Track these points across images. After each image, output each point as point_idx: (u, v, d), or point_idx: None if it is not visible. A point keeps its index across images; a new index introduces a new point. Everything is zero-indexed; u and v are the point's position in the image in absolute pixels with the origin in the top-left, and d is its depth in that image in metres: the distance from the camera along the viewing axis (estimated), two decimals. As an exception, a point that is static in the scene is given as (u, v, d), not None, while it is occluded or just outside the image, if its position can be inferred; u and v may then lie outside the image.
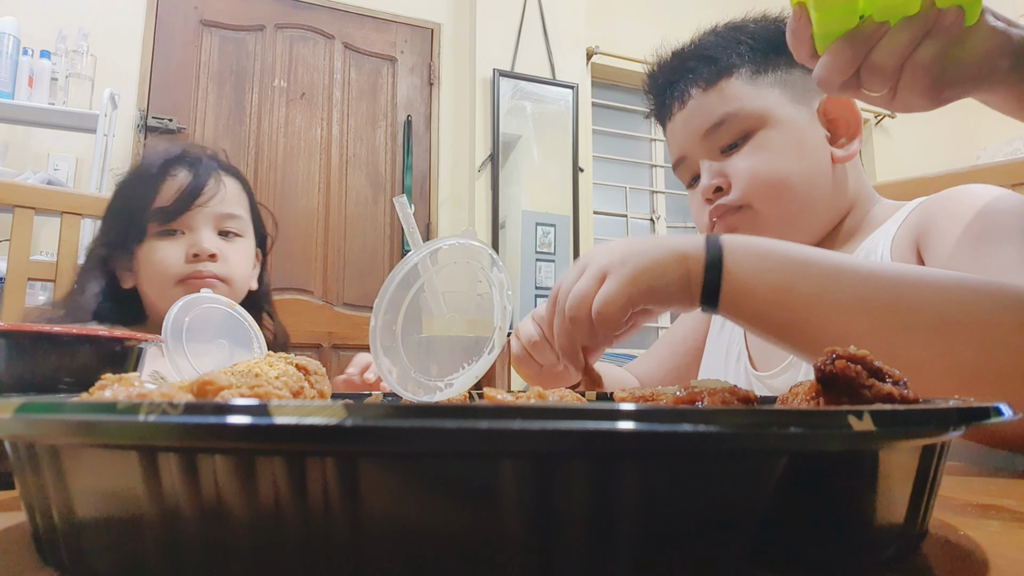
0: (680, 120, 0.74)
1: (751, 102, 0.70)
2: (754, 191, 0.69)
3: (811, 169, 0.69)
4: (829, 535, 0.21)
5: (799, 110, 0.70)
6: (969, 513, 0.31)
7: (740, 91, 0.70)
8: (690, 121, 0.73)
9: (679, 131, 0.75)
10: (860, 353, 0.26)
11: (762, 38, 0.72)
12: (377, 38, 2.86)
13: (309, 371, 0.34)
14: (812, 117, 0.71)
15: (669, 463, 0.18)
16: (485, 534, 0.18)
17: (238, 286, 0.95)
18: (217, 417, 0.17)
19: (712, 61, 0.72)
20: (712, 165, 0.72)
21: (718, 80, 0.71)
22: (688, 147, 0.74)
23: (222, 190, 0.94)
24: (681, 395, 0.30)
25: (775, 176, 0.68)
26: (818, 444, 0.18)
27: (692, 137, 0.73)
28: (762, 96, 0.70)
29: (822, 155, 0.70)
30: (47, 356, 0.39)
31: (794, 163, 0.69)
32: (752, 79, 0.70)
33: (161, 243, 0.90)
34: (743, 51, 0.71)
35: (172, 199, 0.90)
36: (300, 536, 0.18)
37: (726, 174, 0.71)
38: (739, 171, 0.70)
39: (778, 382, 0.74)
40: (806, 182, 0.69)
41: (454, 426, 0.16)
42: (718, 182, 0.71)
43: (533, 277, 2.72)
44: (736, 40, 0.72)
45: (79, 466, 0.21)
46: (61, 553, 0.22)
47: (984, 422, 0.22)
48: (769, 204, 0.69)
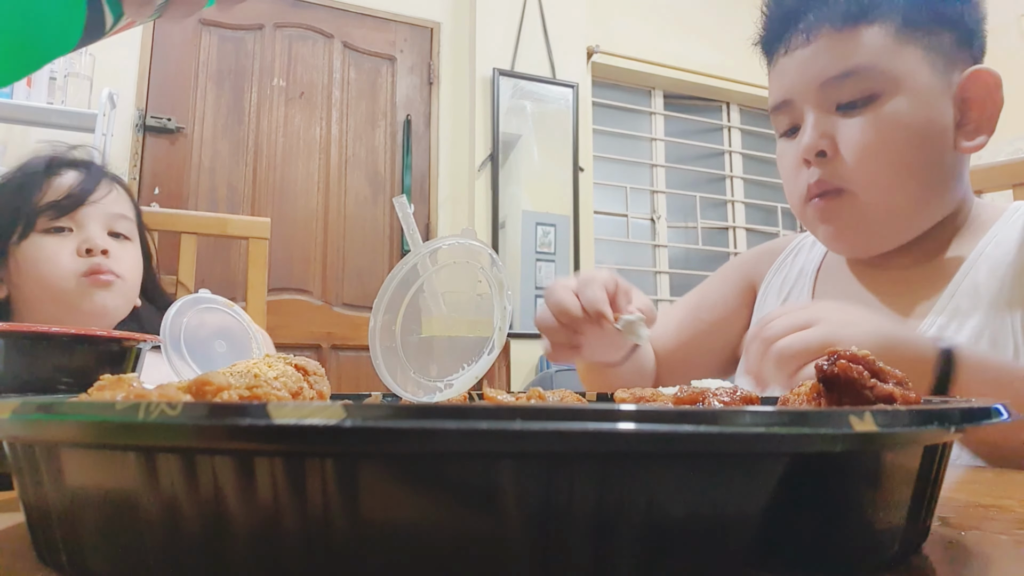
0: (798, 58, 0.63)
1: (889, 60, 0.59)
2: (865, 172, 0.60)
3: (934, 158, 0.60)
4: (830, 535, 0.21)
5: (937, 83, 0.60)
6: (970, 513, 0.31)
7: (881, 43, 0.59)
8: (811, 62, 0.62)
9: (792, 70, 0.64)
10: (862, 354, 0.26)
11: None
12: (376, 37, 2.85)
13: (308, 372, 0.34)
14: (947, 94, 0.61)
15: (670, 464, 0.18)
16: (485, 535, 0.18)
17: (129, 289, 0.91)
18: (216, 418, 0.17)
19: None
20: (821, 121, 0.61)
21: (859, 23, 0.60)
22: (798, 91, 0.63)
23: (114, 191, 0.91)
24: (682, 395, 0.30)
25: (895, 160, 0.59)
26: (820, 444, 0.18)
27: (808, 82, 0.62)
28: (903, 56, 0.59)
29: (947, 140, 0.60)
30: (46, 356, 0.39)
31: (919, 147, 0.59)
32: (896, 33, 0.60)
33: (47, 239, 0.85)
34: None
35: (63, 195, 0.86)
36: (299, 537, 0.18)
37: (836, 138, 0.61)
38: (854, 142, 0.60)
39: None
40: (925, 172, 0.60)
41: (454, 427, 0.16)
42: (824, 144, 0.61)
43: (533, 277, 2.72)
44: None
45: (78, 467, 0.20)
46: (60, 554, 0.22)
47: (985, 423, 0.22)
48: (878, 192, 0.60)
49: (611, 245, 3.17)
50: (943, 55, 0.61)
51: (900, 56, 0.60)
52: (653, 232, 3.30)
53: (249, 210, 2.55)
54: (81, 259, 0.85)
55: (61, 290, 0.84)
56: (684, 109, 3.38)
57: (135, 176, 2.41)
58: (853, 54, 0.60)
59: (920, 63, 0.60)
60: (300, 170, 2.67)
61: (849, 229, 0.63)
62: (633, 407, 0.17)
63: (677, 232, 3.34)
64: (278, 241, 2.44)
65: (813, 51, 0.62)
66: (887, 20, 0.60)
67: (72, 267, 0.84)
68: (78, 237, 0.86)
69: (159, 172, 2.46)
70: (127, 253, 0.91)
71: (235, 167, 2.58)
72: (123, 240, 0.91)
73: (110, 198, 0.90)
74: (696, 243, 3.35)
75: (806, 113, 0.63)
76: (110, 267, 0.86)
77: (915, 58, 0.60)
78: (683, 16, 3.24)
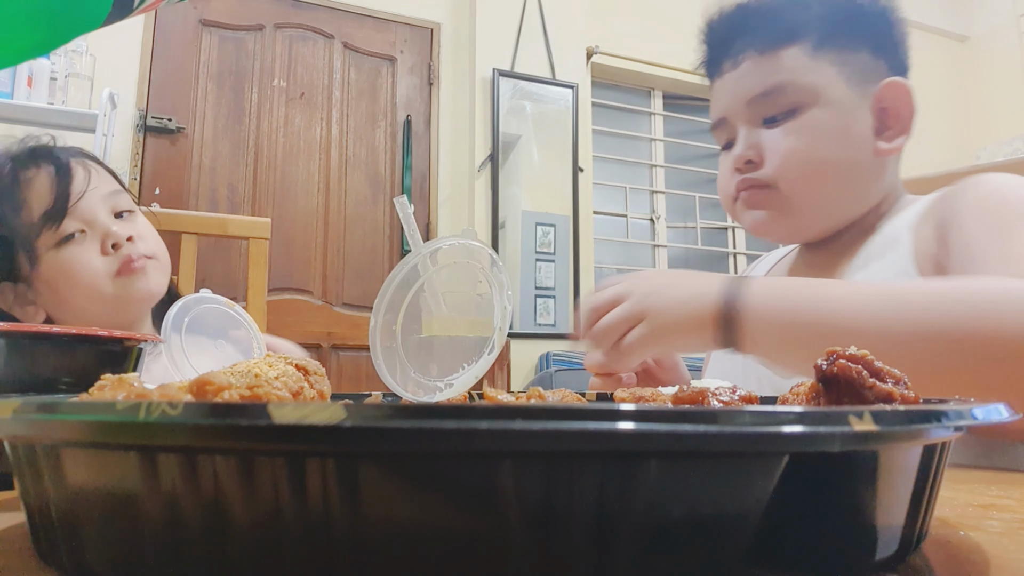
0: (729, 80, 0.70)
1: (805, 76, 0.66)
2: (787, 172, 0.66)
3: (851, 159, 0.66)
4: (829, 535, 0.21)
5: (852, 94, 0.66)
6: (970, 513, 0.31)
7: (798, 62, 0.66)
8: (739, 83, 0.69)
9: (726, 91, 0.71)
10: (860, 353, 0.26)
11: (833, 7, 0.67)
12: (376, 38, 2.85)
13: (309, 371, 0.34)
14: (864, 104, 0.67)
15: (669, 463, 0.18)
16: (485, 535, 0.18)
17: (164, 261, 0.87)
18: (216, 418, 0.17)
19: (776, 24, 0.68)
20: (750, 134, 0.69)
21: (778, 46, 0.67)
22: (731, 110, 0.71)
23: (92, 172, 0.83)
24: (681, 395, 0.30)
25: (812, 161, 0.66)
26: (819, 444, 0.18)
27: (737, 100, 0.69)
28: (818, 72, 0.66)
29: (865, 145, 0.66)
30: (46, 356, 0.39)
31: (835, 150, 0.66)
32: (813, 52, 0.66)
33: (66, 251, 0.79)
34: (810, 19, 0.67)
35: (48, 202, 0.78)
36: (300, 537, 0.18)
37: (762, 148, 0.68)
38: (776, 148, 0.67)
39: None
40: (842, 171, 0.66)
41: (454, 426, 0.16)
42: (751, 154, 0.68)
43: (533, 277, 2.72)
44: (805, 5, 0.68)
45: (78, 467, 0.21)
46: (61, 553, 0.22)
47: (984, 422, 0.22)
48: (799, 188, 0.66)
49: (611, 245, 3.17)
50: (858, 69, 0.67)
51: (816, 72, 0.66)
52: (653, 232, 3.30)
53: (249, 210, 2.56)
54: (109, 257, 0.81)
55: (102, 296, 0.80)
56: (683, 109, 3.38)
57: (135, 176, 2.41)
58: (774, 73, 0.67)
59: (835, 78, 0.66)
60: (300, 170, 2.67)
61: (773, 216, 0.69)
62: (633, 407, 0.17)
63: (676, 232, 3.34)
64: (278, 241, 2.44)
65: (740, 73, 0.69)
66: (803, 41, 0.66)
67: (105, 270, 0.80)
68: (95, 235, 0.81)
69: (160, 172, 2.46)
70: (142, 226, 0.86)
71: (235, 167, 2.58)
72: (129, 215, 0.86)
73: (95, 178, 0.83)
74: (695, 243, 3.35)
75: (738, 129, 0.70)
76: (139, 252, 0.82)
77: (830, 74, 0.66)
78: (683, 16, 3.23)
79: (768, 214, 0.69)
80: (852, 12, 0.68)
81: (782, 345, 0.52)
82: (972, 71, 3.88)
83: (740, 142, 0.69)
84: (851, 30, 0.67)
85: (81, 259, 0.80)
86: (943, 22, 3.89)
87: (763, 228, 0.71)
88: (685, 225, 3.34)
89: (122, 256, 0.81)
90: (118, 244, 0.81)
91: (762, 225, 0.71)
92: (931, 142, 3.66)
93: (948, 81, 3.84)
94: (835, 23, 0.67)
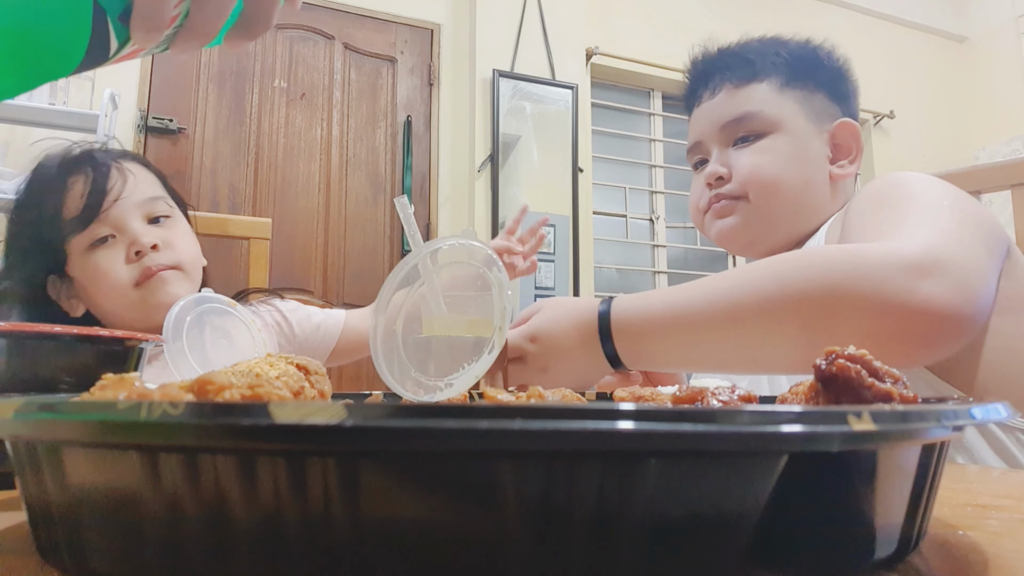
0: (706, 108, 0.82)
1: (772, 108, 0.77)
2: (751, 185, 0.76)
3: (807, 178, 0.76)
4: (828, 535, 0.21)
5: (810, 127, 0.78)
6: (968, 513, 0.31)
7: (766, 96, 0.78)
8: (714, 110, 0.80)
9: (703, 117, 0.82)
10: (859, 353, 0.26)
11: (798, 56, 0.80)
12: (377, 38, 2.86)
13: (310, 371, 0.34)
14: (820, 136, 0.78)
15: (669, 463, 0.18)
16: (485, 534, 0.18)
17: (191, 269, 0.88)
18: (217, 417, 0.17)
19: (749, 64, 0.79)
20: (721, 154, 0.79)
21: (750, 81, 0.79)
22: (706, 134, 0.81)
23: (131, 177, 0.85)
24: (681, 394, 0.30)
25: (773, 176, 0.75)
26: (818, 444, 0.18)
27: (712, 125, 0.80)
28: (783, 106, 0.77)
29: (820, 169, 0.77)
30: (48, 356, 0.39)
31: (793, 169, 0.76)
32: (779, 89, 0.78)
33: (96, 255, 0.82)
34: (778, 62, 0.79)
35: (80, 206, 0.81)
36: (301, 536, 0.18)
37: (730, 165, 0.78)
38: (742, 165, 0.77)
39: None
40: (799, 187, 0.76)
41: (454, 426, 0.16)
42: (722, 171, 0.78)
43: (533, 277, 2.72)
44: (775, 52, 0.80)
45: (79, 466, 0.21)
46: (62, 553, 0.22)
47: (984, 422, 0.22)
48: (762, 199, 0.76)
49: (610, 245, 3.17)
50: (816, 108, 0.79)
51: (781, 106, 0.78)
52: (652, 232, 3.30)
53: (250, 210, 2.55)
54: (132, 265, 0.82)
55: (125, 302, 0.82)
56: (683, 110, 3.38)
57: (136, 177, 2.40)
58: (746, 103, 0.78)
59: (797, 112, 0.78)
60: (301, 171, 2.67)
61: (739, 224, 0.78)
62: (632, 406, 0.17)
63: (676, 232, 3.34)
64: (279, 241, 2.44)
65: (717, 102, 0.81)
66: (773, 79, 0.79)
67: (126, 278, 0.82)
68: (124, 241, 0.83)
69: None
70: (175, 234, 0.87)
71: (236, 168, 2.58)
72: (166, 221, 0.87)
73: (132, 183, 0.85)
74: (695, 243, 3.34)
75: (712, 150, 0.81)
76: (161, 262, 0.83)
77: (793, 108, 0.78)
78: (683, 17, 3.24)
79: (736, 221, 0.78)
80: (812, 62, 0.80)
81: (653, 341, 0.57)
82: (972, 71, 3.88)
83: (712, 161, 0.80)
84: (811, 76, 0.79)
85: (107, 264, 0.82)
86: (942, 22, 3.89)
87: (728, 236, 0.80)
88: (685, 225, 3.34)
89: (141, 267, 0.82)
90: (142, 252, 0.82)
91: (728, 233, 0.79)
92: (930, 142, 3.66)
93: (948, 81, 3.84)
94: (798, 68, 0.79)
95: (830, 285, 0.48)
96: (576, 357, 0.59)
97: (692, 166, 0.87)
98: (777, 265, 0.52)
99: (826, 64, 0.81)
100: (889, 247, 0.49)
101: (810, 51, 0.81)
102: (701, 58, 0.85)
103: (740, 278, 0.53)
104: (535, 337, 0.60)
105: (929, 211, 0.55)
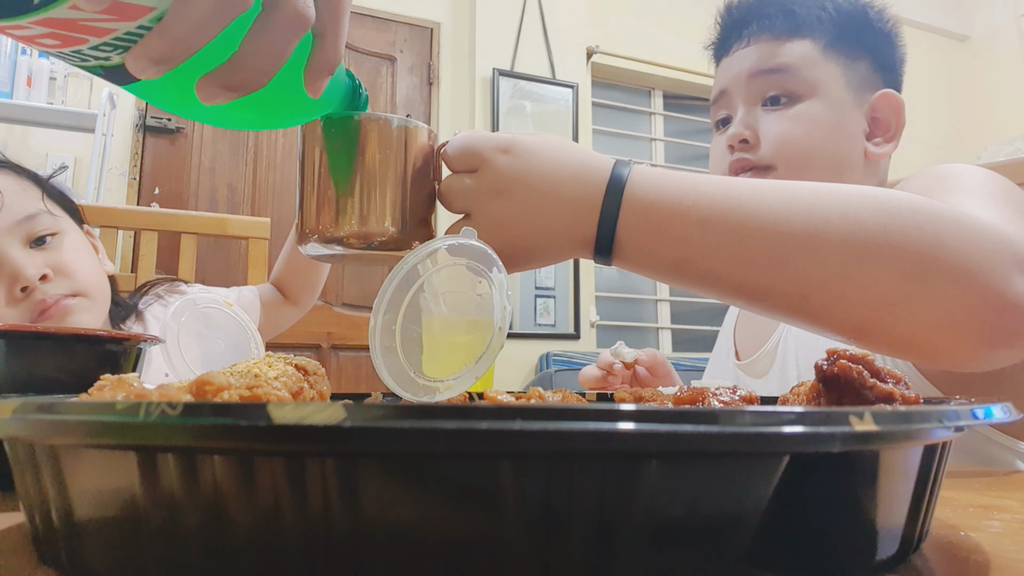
0: (737, 56, 0.73)
1: (812, 69, 0.69)
2: (781, 155, 0.68)
3: (841, 154, 0.69)
4: (830, 535, 0.21)
5: (850, 97, 0.70)
6: (970, 514, 0.31)
7: (807, 54, 0.70)
8: (747, 57, 0.72)
9: (732, 65, 0.74)
10: (861, 354, 0.26)
11: (846, 14, 0.71)
12: (376, 37, 2.85)
13: (308, 372, 0.34)
14: (859, 108, 0.71)
15: (670, 464, 0.18)
16: (485, 535, 0.18)
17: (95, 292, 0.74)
18: (216, 418, 0.17)
19: (792, 15, 0.71)
20: (748, 114, 0.71)
21: (792, 36, 0.70)
22: (733, 83, 0.73)
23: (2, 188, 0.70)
24: (682, 395, 0.30)
25: (806, 147, 0.68)
26: (819, 444, 0.18)
27: (741, 73, 0.72)
28: (824, 69, 0.70)
29: (855, 145, 0.70)
30: (46, 356, 0.39)
31: (827, 142, 0.68)
32: (824, 50, 0.70)
33: None
34: (824, 18, 0.70)
35: None
36: (299, 537, 0.18)
37: (758, 129, 0.70)
38: (772, 131, 0.69)
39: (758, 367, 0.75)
40: (832, 163, 0.68)
41: (454, 427, 0.16)
42: (746, 134, 0.70)
43: (533, 277, 2.72)
44: (821, 6, 0.71)
45: (78, 467, 0.20)
46: (60, 553, 0.22)
47: (984, 422, 0.22)
48: (792, 174, 0.68)
49: (611, 245, 3.16)
50: (858, 76, 0.71)
51: (821, 68, 0.70)
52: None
53: (249, 210, 2.55)
54: (21, 303, 0.68)
55: None
56: (684, 109, 3.38)
57: (135, 176, 2.40)
58: (783, 55, 0.70)
59: (837, 78, 0.70)
60: (300, 170, 2.67)
61: None
62: (633, 407, 0.17)
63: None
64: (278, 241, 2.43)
65: (750, 51, 0.72)
66: (816, 38, 0.70)
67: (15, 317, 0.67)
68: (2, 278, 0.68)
69: (159, 172, 2.46)
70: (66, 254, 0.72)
71: (235, 167, 2.58)
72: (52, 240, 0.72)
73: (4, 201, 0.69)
74: (696, 243, 3.34)
75: (737, 107, 0.72)
76: (58, 293, 0.69)
77: (834, 73, 0.70)
78: (683, 16, 3.23)
79: None
80: (861, 22, 0.71)
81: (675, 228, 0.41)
82: (972, 71, 3.87)
83: (737, 122, 0.71)
84: (858, 39, 0.71)
85: None
86: (943, 22, 3.89)
87: None
88: (685, 225, 3.34)
89: (32, 303, 0.68)
90: (28, 287, 0.68)
91: None
92: (931, 142, 3.66)
93: (948, 81, 3.84)
94: (845, 28, 0.70)
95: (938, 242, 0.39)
96: (552, 201, 0.43)
97: (714, 124, 0.78)
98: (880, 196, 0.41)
99: (875, 26, 0.72)
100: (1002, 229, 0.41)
101: (860, 9, 0.72)
102: (736, 4, 0.76)
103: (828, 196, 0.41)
104: (510, 148, 0.45)
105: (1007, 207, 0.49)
